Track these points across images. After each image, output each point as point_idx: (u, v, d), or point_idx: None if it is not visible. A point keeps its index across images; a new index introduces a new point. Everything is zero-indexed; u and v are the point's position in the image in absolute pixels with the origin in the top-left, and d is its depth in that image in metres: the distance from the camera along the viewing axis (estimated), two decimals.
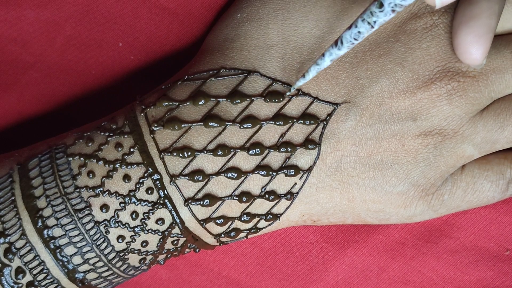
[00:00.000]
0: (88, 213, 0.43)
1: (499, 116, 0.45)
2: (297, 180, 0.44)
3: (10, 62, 0.51)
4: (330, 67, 0.44)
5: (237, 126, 0.43)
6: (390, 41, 0.44)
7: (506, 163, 0.46)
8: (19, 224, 0.43)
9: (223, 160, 0.43)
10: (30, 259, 0.43)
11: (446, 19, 0.44)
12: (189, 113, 0.43)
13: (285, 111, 0.43)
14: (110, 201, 0.43)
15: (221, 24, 0.47)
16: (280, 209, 0.44)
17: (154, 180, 0.43)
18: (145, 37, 0.51)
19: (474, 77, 0.43)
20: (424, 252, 0.49)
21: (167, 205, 0.43)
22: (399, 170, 0.44)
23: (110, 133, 0.44)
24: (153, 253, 0.45)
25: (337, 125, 0.43)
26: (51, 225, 0.43)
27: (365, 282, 0.50)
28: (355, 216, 0.46)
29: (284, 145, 0.43)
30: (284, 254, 0.50)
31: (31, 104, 0.52)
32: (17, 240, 0.43)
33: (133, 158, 0.43)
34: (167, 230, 0.44)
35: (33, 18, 0.50)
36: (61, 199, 0.43)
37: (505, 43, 0.44)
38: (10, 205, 0.43)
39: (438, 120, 0.43)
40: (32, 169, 0.44)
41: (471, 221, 0.49)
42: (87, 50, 0.51)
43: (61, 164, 0.44)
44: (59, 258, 0.43)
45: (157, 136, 0.43)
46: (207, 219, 0.44)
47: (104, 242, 0.43)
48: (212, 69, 0.45)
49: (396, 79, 0.43)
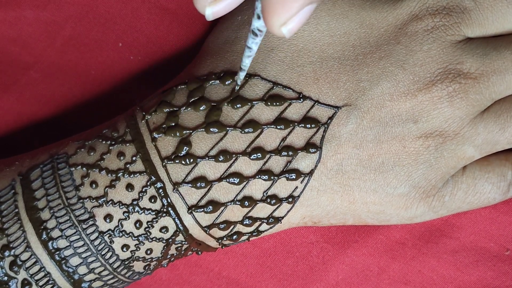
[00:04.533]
0: (92, 224, 0.43)
1: (500, 117, 0.45)
2: (299, 184, 0.44)
3: (10, 62, 0.51)
4: (331, 70, 0.44)
5: (239, 131, 0.43)
6: (391, 44, 0.44)
7: (508, 165, 0.46)
8: (23, 236, 0.43)
9: (225, 166, 0.43)
10: (35, 271, 0.43)
11: (448, 21, 0.44)
12: (190, 118, 0.43)
13: (286, 115, 0.43)
14: (113, 211, 0.43)
15: (221, 26, 0.47)
16: (281, 213, 0.44)
17: (157, 188, 0.43)
18: (145, 37, 0.51)
19: (475, 78, 0.43)
20: (424, 252, 0.49)
21: (171, 213, 0.43)
22: (400, 172, 0.44)
23: (111, 142, 0.44)
24: (157, 259, 0.45)
25: (338, 128, 0.43)
26: (55, 236, 0.43)
27: (365, 282, 0.50)
28: (356, 217, 0.46)
29: (285, 149, 0.43)
30: (284, 254, 0.50)
31: (30, 104, 0.52)
32: (22, 252, 0.43)
33: (135, 166, 0.43)
34: (171, 238, 0.44)
35: (33, 19, 0.50)
36: (64, 210, 0.43)
37: (505, 44, 0.44)
38: (14, 217, 0.43)
39: (439, 122, 0.43)
40: (35, 180, 0.44)
41: (471, 221, 0.49)
42: (87, 50, 0.51)
43: (63, 175, 0.44)
44: (65, 269, 0.43)
45: (159, 143, 0.43)
46: (211, 225, 0.44)
47: (109, 252, 0.43)
48: (213, 73, 0.44)
49: (397, 81, 0.43)
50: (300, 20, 0.34)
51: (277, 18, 0.33)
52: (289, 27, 0.34)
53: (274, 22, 0.34)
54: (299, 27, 0.34)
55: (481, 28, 0.44)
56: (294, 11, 0.33)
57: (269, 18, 0.33)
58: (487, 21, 0.44)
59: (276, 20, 0.33)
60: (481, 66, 0.43)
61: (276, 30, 0.34)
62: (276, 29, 0.34)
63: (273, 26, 0.34)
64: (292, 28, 0.34)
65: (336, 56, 0.44)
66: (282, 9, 0.33)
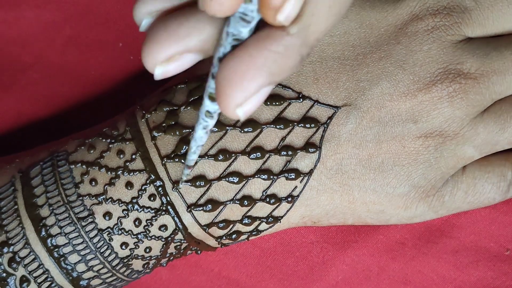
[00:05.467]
0: (91, 221, 0.43)
1: (500, 117, 0.44)
2: (298, 183, 0.44)
3: (10, 62, 0.51)
4: (330, 70, 0.44)
5: (238, 131, 0.43)
6: (391, 44, 0.44)
7: (507, 165, 0.46)
8: (22, 233, 0.43)
9: (224, 165, 0.43)
10: (34, 268, 0.43)
11: (448, 21, 0.43)
12: (190, 117, 0.43)
13: (286, 114, 0.43)
14: (113, 209, 0.43)
15: None
16: (281, 212, 0.44)
17: (156, 186, 0.43)
18: (145, 37, 0.50)
19: (475, 79, 0.43)
20: (424, 252, 0.49)
21: (170, 212, 0.43)
22: (400, 172, 0.44)
23: (111, 140, 0.44)
24: (156, 258, 0.45)
25: (337, 128, 0.43)
26: (54, 233, 0.43)
27: (365, 282, 0.50)
28: (356, 217, 0.46)
29: (284, 148, 0.43)
30: (284, 254, 0.50)
31: (30, 105, 0.52)
32: (21, 249, 0.43)
33: (135, 165, 0.43)
34: (170, 236, 0.44)
35: (32, 19, 0.50)
36: (64, 208, 0.43)
37: (505, 44, 0.44)
38: (13, 214, 0.44)
39: (439, 122, 0.43)
40: (34, 177, 0.44)
41: (471, 221, 0.49)
42: (86, 50, 0.51)
43: (63, 172, 0.44)
44: (63, 266, 0.43)
45: (159, 142, 0.43)
46: (210, 224, 0.44)
47: (108, 250, 0.43)
48: None
49: (396, 81, 0.43)
50: (258, 102, 0.32)
51: (233, 99, 0.31)
52: (245, 109, 0.32)
53: (229, 103, 0.31)
54: (255, 109, 0.32)
55: (482, 28, 0.44)
56: (251, 91, 0.31)
57: (223, 97, 0.31)
58: (487, 21, 0.44)
59: (231, 100, 0.31)
60: (482, 66, 0.43)
61: (231, 112, 0.32)
62: (231, 111, 0.31)
63: (227, 107, 0.31)
64: (248, 110, 0.32)
65: (336, 56, 0.44)
66: (238, 89, 0.31)
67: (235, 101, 0.31)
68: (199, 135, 0.36)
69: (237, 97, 0.31)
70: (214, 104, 0.34)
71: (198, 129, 0.36)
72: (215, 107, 0.34)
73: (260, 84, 0.31)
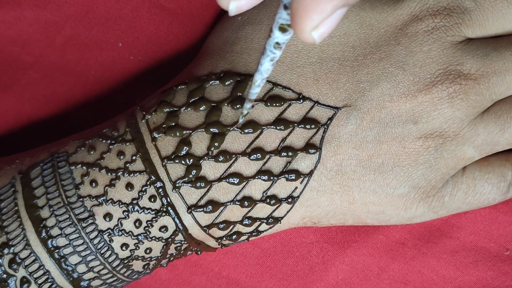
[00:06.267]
0: (91, 222, 0.43)
1: (500, 118, 0.44)
2: (298, 184, 0.44)
3: (10, 62, 0.51)
4: (330, 71, 0.44)
5: (238, 132, 0.43)
6: (391, 44, 0.44)
7: (507, 166, 0.46)
8: (23, 234, 0.43)
9: (224, 166, 0.43)
10: (35, 269, 0.43)
11: (448, 22, 0.43)
12: (190, 119, 0.43)
13: (286, 115, 0.43)
14: (113, 210, 0.43)
15: (221, 26, 0.47)
16: (281, 213, 0.44)
17: (156, 188, 0.43)
18: (145, 37, 0.51)
19: (475, 79, 0.43)
20: (424, 252, 0.49)
21: (170, 213, 0.43)
22: (400, 173, 0.44)
23: (112, 141, 0.44)
24: (156, 259, 0.45)
25: (337, 129, 0.43)
26: (55, 234, 0.43)
27: (365, 282, 0.50)
28: (356, 218, 0.46)
29: (285, 149, 0.43)
30: (284, 254, 0.51)
31: (30, 105, 0.52)
32: (21, 250, 0.43)
33: (135, 166, 0.43)
34: (170, 237, 0.44)
35: (32, 18, 0.50)
36: (64, 209, 0.43)
37: (506, 44, 0.44)
38: (13, 215, 0.44)
39: (439, 123, 0.43)
40: (35, 178, 0.44)
41: (471, 221, 0.49)
42: (86, 50, 0.51)
43: (63, 173, 0.44)
44: (64, 267, 0.43)
45: (159, 143, 0.43)
46: (210, 225, 0.44)
47: (108, 251, 0.44)
48: (213, 73, 0.44)
49: (397, 82, 0.43)
50: (332, 24, 0.32)
51: (309, 21, 0.31)
52: (321, 31, 0.32)
53: (306, 26, 0.31)
54: (329, 32, 0.32)
55: (482, 28, 0.44)
56: (327, 13, 0.31)
57: (299, 21, 0.31)
58: (487, 21, 0.44)
59: (308, 23, 0.31)
60: (482, 67, 0.43)
61: (307, 35, 0.32)
62: (307, 34, 0.31)
63: (303, 30, 0.31)
64: (323, 32, 0.32)
65: (336, 56, 0.44)
66: (315, 11, 0.31)
67: (311, 24, 0.31)
68: (265, 67, 0.36)
69: (313, 19, 0.31)
70: (285, 35, 0.34)
71: (265, 61, 0.36)
72: (284, 37, 0.34)
73: (335, 5, 0.31)
